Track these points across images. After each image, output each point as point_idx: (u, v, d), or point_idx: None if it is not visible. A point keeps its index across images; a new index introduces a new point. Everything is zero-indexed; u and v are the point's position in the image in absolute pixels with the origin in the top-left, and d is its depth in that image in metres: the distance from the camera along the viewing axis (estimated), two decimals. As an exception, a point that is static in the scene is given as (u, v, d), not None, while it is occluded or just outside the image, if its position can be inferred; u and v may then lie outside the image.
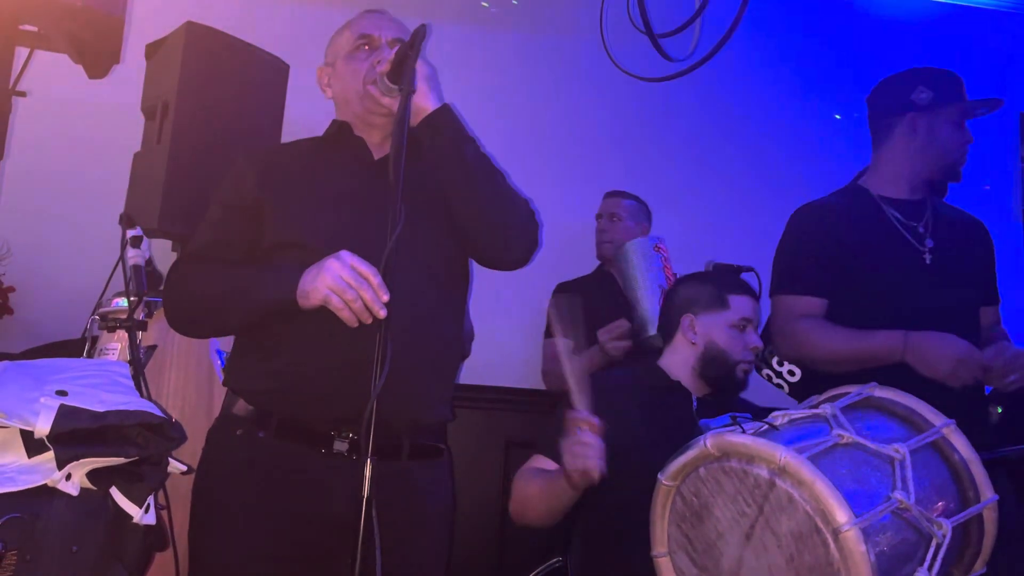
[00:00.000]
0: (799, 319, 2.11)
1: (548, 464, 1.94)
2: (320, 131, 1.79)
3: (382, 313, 1.42)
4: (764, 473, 1.41)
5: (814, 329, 2.09)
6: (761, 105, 3.76)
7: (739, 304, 2.05)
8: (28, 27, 1.53)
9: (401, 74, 1.51)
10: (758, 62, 3.73)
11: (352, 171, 1.69)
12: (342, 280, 1.45)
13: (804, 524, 1.36)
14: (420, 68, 1.55)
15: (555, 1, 3.65)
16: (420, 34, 1.51)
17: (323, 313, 1.52)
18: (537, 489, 1.88)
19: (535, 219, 1.69)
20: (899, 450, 1.47)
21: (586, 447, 1.66)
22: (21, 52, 1.54)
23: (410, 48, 1.51)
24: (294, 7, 3.42)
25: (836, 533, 1.31)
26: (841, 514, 1.31)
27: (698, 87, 3.41)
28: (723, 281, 2.12)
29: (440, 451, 1.70)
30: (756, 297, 2.11)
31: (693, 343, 2.04)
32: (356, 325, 1.46)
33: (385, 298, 1.43)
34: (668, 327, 2.12)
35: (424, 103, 1.59)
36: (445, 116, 1.61)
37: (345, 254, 1.48)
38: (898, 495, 1.39)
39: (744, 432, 1.49)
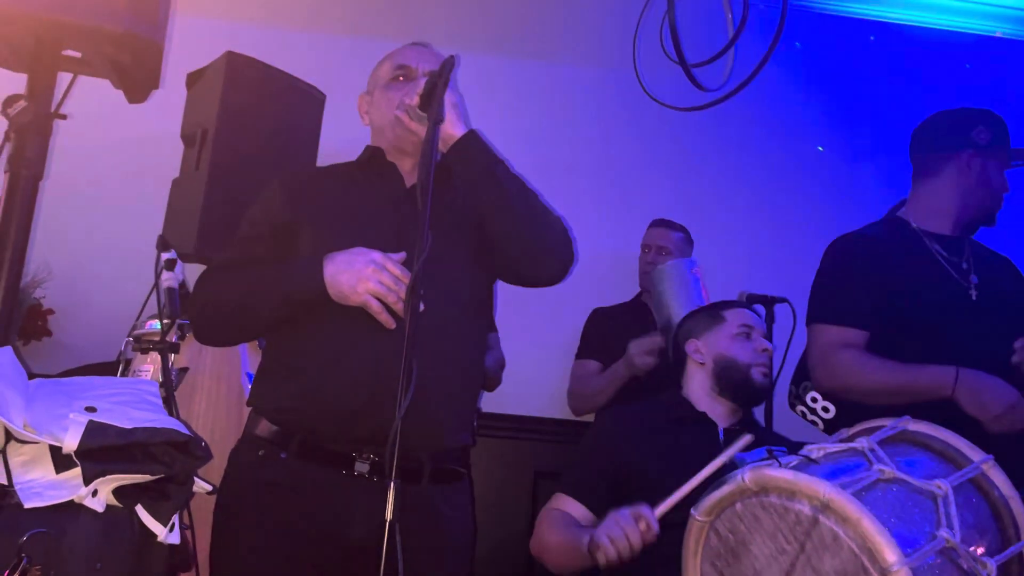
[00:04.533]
0: (840, 349, 2.06)
1: (571, 505, 1.92)
2: (354, 159, 1.82)
3: (421, 307, 1.44)
4: (806, 509, 1.36)
5: (857, 360, 2.03)
6: (796, 134, 3.73)
7: (735, 315, 2.08)
8: (71, 52, 1.57)
9: (430, 103, 1.53)
10: (793, 91, 3.71)
11: (383, 197, 1.71)
12: (382, 285, 1.52)
13: (849, 563, 1.30)
14: (447, 97, 1.57)
15: (589, 33, 3.68)
16: (449, 65, 1.56)
17: (347, 333, 1.56)
18: (558, 542, 1.87)
19: (569, 234, 1.70)
20: (941, 486, 1.42)
21: (627, 543, 1.64)
22: (63, 76, 1.59)
23: (439, 78, 1.54)
24: (332, 38, 3.49)
25: (885, 573, 1.26)
26: (890, 553, 1.26)
27: (732, 116, 3.40)
28: (714, 303, 2.18)
29: (461, 475, 1.70)
30: (755, 311, 2.14)
31: (702, 363, 2.05)
32: (393, 326, 1.52)
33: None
34: (678, 364, 2.12)
35: (451, 130, 1.61)
36: (473, 140, 1.63)
37: (377, 255, 1.53)
38: (943, 533, 1.34)
39: (781, 466, 1.45)
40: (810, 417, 2.30)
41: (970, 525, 1.42)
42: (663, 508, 1.69)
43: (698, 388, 2.05)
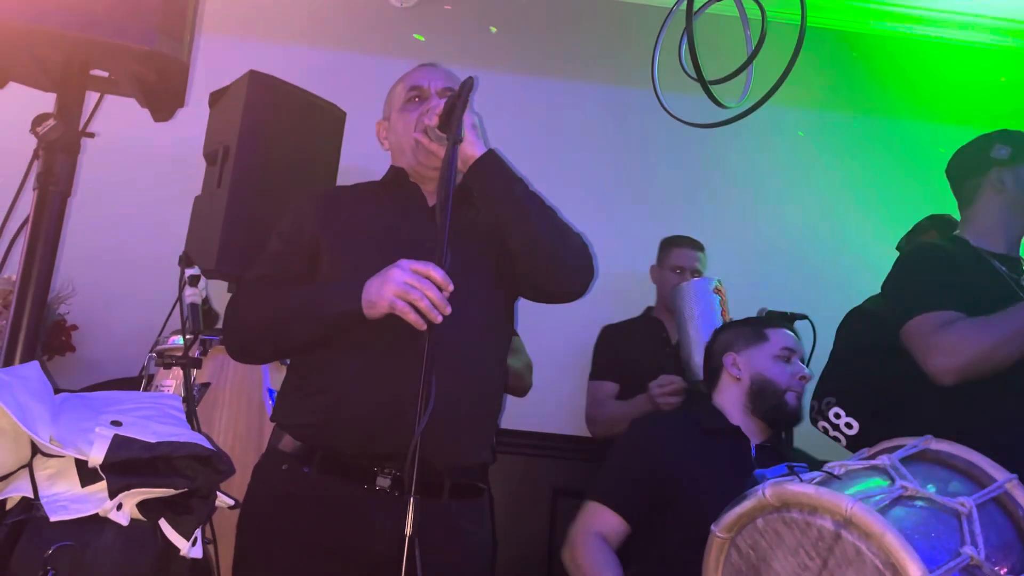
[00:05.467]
0: (944, 327, 1.96)
1: (605, 515, 1.90)
2: (373, 177, 1.85)
3: (447, 309, 1.45)
4: (829, 524, 1.35)
5: (966, 325, 1.94)
6: (814, 151, 3.72)
7: (778, 336, 2.07)
8: (99, 72, 1.60)
9: (449, 124, 1.55)
10: (813, 107, 3.71)
11: (407, 216, 1.73)
12: (405, 284, 1.48)
13: None
14: (466, 118, 1.59)
15: (607, 49, 3.70)
16: (467, 86, 1.58)
17: (370, 350, 1.57)
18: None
19: (589, 251, 1.71)
20: (965, 504, 1.41)
21: None
22: (91, 95, 1.62)
23: (457, 99, 1.56)
24: (352, 56, 3.52)
25: (908, 589, 1.25)
26: (914, 569, 1.25)
27: (751, 133, 3.40)
28: (758, 319, 2.17)
29: (481, 491, 1.70)
30: (795, 334, 2.12)
31: (738, 379, 2.03)
32: (424, 327, 1.47)
33: (450, 288, 1.46)
34: (712, 373, 2.10)
35: (471, 151, 1.63)
36: (491, 159, 1.65)
37: (404, 261, 1.52)
38: (968, 550, 1.33)
39: (803, 481, 1.44)
40: (832, 433, 2.28)
41: (994, 544, 1.41)
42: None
43: (731, 402, 2.04)
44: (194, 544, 1.29)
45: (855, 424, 2.28)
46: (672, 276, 2.99)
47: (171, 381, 2.11)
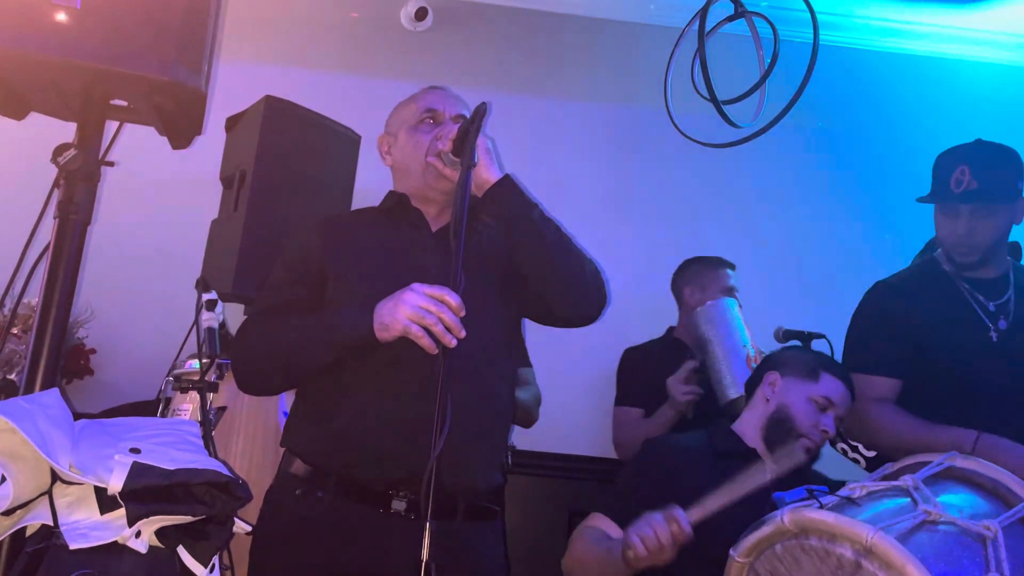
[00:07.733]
0: (870, 402, 2.10)
1: (607, 525, 1.89)
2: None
3: (462, 333, 1.45)
4: (848, 553, 1.34)
5: (882, 414, 2.09)
6: (829, 169, 3.71)
7: (829, 384, 1.97)
8: (119, 102, 1.62)
9: (463, 148, 1.56)
10: (825, 127, 3.70)
11: (411, 242, 1.74)
12: (420, 308, 1.48)
13: None
14: (480, 142, 1.60)
15: (620, 70, 3.71)
16: (481, 111, 1.59)
17: (379, 375, 1.57)
18: (593, 557, 1.83)
19: (602, 277, 1.72)
20: (990, 527, 1.39)
21: (657, 542, 1.63)
22: (110, 124, 1.64)
23: (471, 124, 1.58)
24: (367, 80, 3.55)
25: (930, 620, 1.24)
26: (935, 599, 1.23)
27: (764, 153, 3.39)
28: (825, 360, 2.07)
29: (495, 513, 1.70)
30: (852, 392, 2.01)
31: (767, 400, 1.99)
32: (436, 351, 1.47)
33: (462, 313, 1.47)
34: (753, 382, 2.08)
35: (486, 175, 1.64)
36: (508, 185, 1.66)
37: (417, 285, 1.52)
38: (993, 576, 1.31)
39: (822, 507, 1.43)
40: (851, 455, 2.26)
41: (1022, 567, 1.39)
42: (697, 514, 1.67)
43: (754, 419, 2.01)
44: (212, 570, 1.29)
45: (874, 447, 2.26)
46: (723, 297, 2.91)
47: (188, 405, 2.11)
